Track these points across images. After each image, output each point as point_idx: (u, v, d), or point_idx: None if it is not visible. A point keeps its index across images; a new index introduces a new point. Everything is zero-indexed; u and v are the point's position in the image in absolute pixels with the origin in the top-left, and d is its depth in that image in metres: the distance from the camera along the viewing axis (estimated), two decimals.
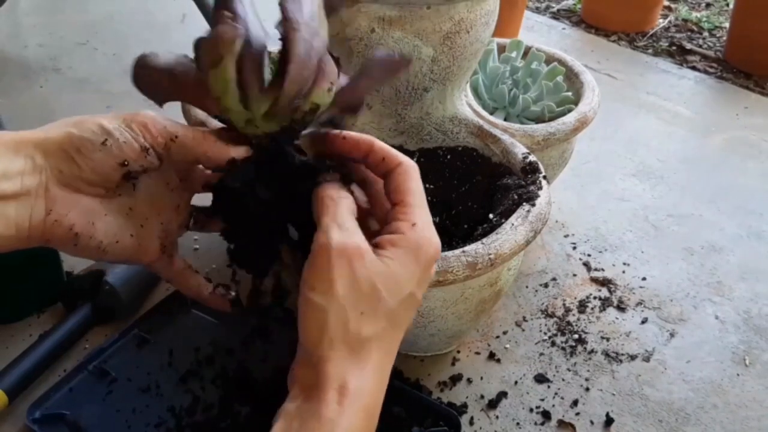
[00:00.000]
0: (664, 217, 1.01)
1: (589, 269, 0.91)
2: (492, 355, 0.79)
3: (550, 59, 0.95)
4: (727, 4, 1.75)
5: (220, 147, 0.43)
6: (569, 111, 0.87)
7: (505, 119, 0.88)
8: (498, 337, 0.81)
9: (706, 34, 1.61)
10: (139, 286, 0.82)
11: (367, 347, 0.38)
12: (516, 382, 0.76)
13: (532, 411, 0.73)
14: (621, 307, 0.86)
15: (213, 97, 0.42)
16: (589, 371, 0.78)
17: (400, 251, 0.39)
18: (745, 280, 0.91)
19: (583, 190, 1.07)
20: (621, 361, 0.79)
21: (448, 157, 0.75)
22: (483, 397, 0.74)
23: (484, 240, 0.62)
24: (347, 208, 0.40)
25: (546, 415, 0.72)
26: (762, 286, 0.90)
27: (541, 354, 0.79)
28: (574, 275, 0.90)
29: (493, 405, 0.73)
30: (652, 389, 0.76)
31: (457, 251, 0.61)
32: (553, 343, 0.81)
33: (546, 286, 0.89)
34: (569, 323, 0.83)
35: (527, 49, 0.96)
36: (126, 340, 0.77)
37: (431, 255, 0.40)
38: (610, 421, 0.72)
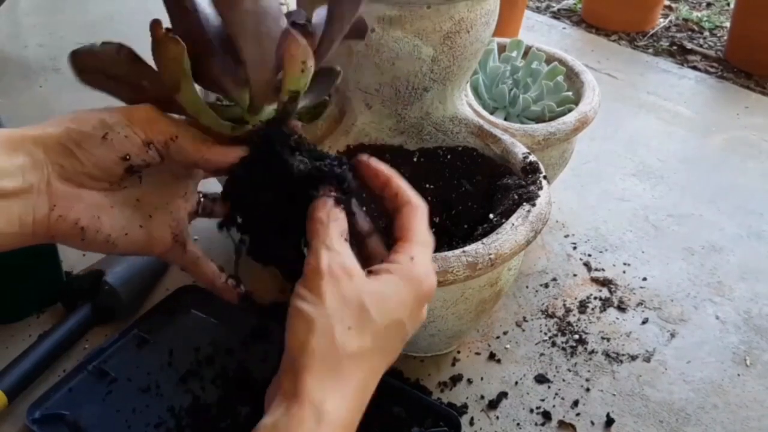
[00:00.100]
0: (664, 217, 1.01)
1: (589, 269, 0.91)
2: (492, 356, 0.79)
3: (551, 59, 0.95)
4: (728, 4, 1.75)
5: (218, 151, 0.42)
6: (569, 111, 0.87)
7: (505, 119, 0.88)
8: (498, 337, 0.81)
9: (706, 33, 1.61)
10: (139, 286, 0.82)
11: (350, 366, 0.38)
12: (516, 383, 0.76)
13: (532, 411, 0.73)
14: (621, 308, 0.86)
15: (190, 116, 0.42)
16: (589, 372, 0.77)
17: (393, 277, 0.40)
18: (746, 280, 0.91)
19: (583, 190, 1.07)
20: (621, 361, 0.79)
21: (448, 157, 0.75)
22: (483, 397, 0.74)
23: (485, 240, 0.62)
24: (337, 231, 0.40)
25: (546, 415, 0.72)
26: (762, 286, 0.90)
27: (542, 354, 0.79)
28: (575, 275, 0.90)
29: (493, 405, 0.73)
30: (652, 389, 0.76)
31: (458, 251, 0.61)
32: (553, 344, 0.81)
33: (546, 286, 0.88)
34: (570, 323, 0.83)
35: (527, 49, 0.96)
36: (126, 340, 0.76)
37: (425, 291, 0.41)
38: (610, 421, 0.72)
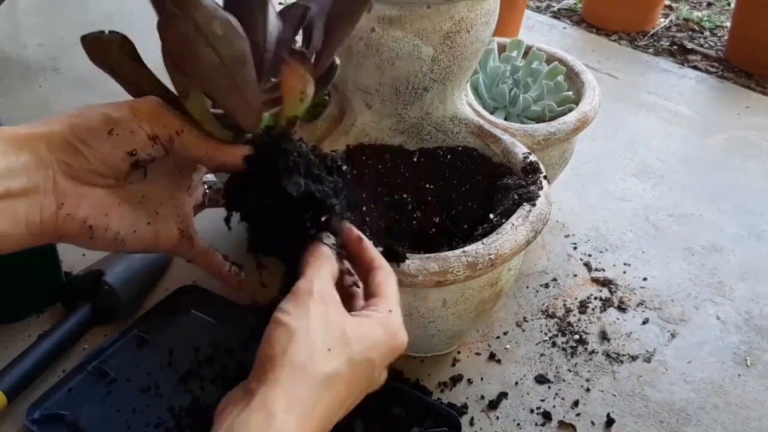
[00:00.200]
0: (664, 217, 1.01)
1: (589, 269, 0.91)
2: (492, 356, 0.79)
3: (551, 59, 0.95)
4: (729, 4, 1.74)
5: (222, 149, 0.42)
6: (570, 110, 0.87)
7: (505, 119, 0.88)
8: (498, 337, 0.81)
9: (707, 33, 1.61)
10: (138, 286, 0.82)
11: (321, 389, 0.37)
12: (516, 383, 0.76)
13: (532, 412, 0.73)
14: (622, 308, 0.86)
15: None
16: (589, 372, 0.77)
17: (374, 321, 0.41)
18: (746, 280, 0.91)
19: (583, 190, 1.06)
20: (622, 361, 0.79)
21: (448, 156, 0.75)
22: (483, 397, 0.74)
23: (485, 240, 0.62)
24: (330, 273, 0.41)
25: (546, 415, 0.72)
26: (763, 286, 0.90)
27: (542, 354, 0.79)
28: (575, 275, 0.90)
29: (493, 406, 0.73)
30: (653, 390, 0.76)
31: (458, 251, 0.61)
32: (553, 344, 0.80)
33: (546, 286, 0.88)
34: (570, 324, 0.83)
35: (528, 49, 0.96)
36: (125, 340, 0.76)
37: (398, 343, 0.42)
38: (611, 421, 0.72)
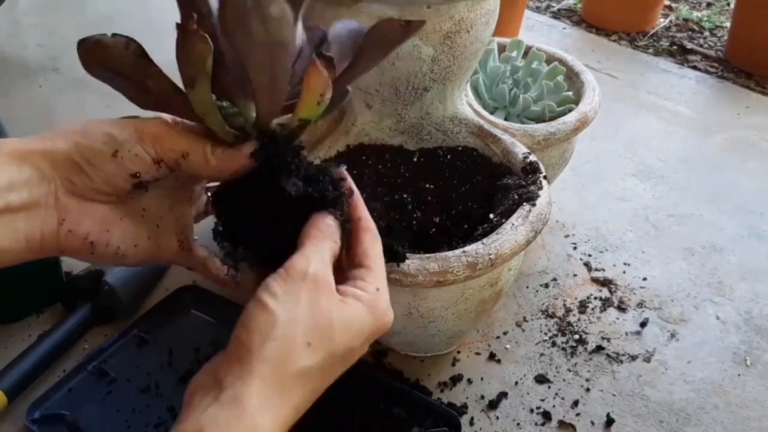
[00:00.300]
0: (664, 217, 1.01)
1: (589, 269, 0.91)
2: (492, 356, 0.79)
3: (551, 59, 0.95)
4: (728, 4, 1.75)
5: (228, 158, 0.41)
6: (570, 111, 0.87)
7: (505, 119, 0.88)
8: (498, 337, 0.81)
9: (707, 33, 1.61)
10: (138, 286, 0.82)
11: (294, 384, 0.37)
12: (516, 383, 0.76)
13: (532, 411, 0.73)
14: (622, 308, 0.86)
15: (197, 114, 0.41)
16: (589, 372, 0.77)
17: (362, 306, 0.40)
18: (746, 280, 0.91)
19: (583, 190, 1.06)
20: (621, 361, 0.79)
21: (448, 157, 0.75)
22: (483, 397, 0.74)
23: (485, 240, 0.62)
24: (330, 250, 0.40)
25: (546, 415, 0.72)
26: (763, 286, 0.90)
27: (542, 354, 0.79)
28: (575, 275, 0.90)
29: (493, 405, 0.73)
30: (652, 390, 0.76)
31: (458, 251, 0.61)
32: (553, 344, 0.80)
33: (546, 286, 0.88)
34: (570, 323, 0.83)
35: (528, 49, 0.96)
36: (125, 340, 0.77)
37: (383, 324, 0.41)
38: (610, 421, 0.72)
